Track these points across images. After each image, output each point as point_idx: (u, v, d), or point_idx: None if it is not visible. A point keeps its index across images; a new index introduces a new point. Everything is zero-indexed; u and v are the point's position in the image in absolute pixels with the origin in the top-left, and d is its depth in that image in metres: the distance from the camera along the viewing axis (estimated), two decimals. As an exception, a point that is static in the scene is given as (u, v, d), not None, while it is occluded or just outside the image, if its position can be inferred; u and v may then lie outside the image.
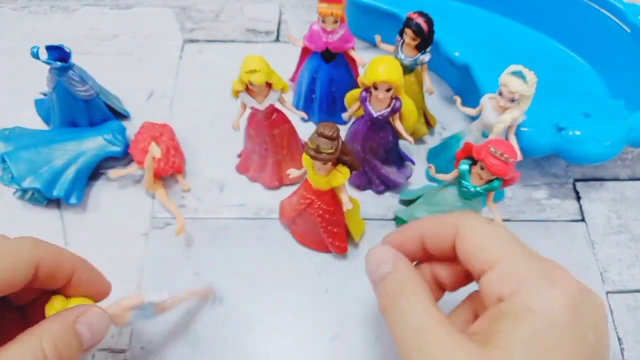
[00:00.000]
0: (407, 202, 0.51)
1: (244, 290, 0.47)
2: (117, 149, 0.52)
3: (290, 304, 0.45)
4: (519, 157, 0.42)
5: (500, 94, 0.43)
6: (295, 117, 0.50)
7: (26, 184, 0.49)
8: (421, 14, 0.47)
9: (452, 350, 0.23)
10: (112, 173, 0.51)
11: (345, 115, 0.50)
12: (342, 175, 0.40)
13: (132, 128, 0.55)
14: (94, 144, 0.52)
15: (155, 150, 0.48)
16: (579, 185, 0.54)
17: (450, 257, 0.30)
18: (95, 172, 0.53)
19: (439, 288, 0.32)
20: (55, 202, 0.51)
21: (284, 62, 0.53)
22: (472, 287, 0.32)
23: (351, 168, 0.40)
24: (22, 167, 0.49)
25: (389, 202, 0.53)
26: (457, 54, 0.54)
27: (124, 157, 0.54)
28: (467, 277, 0.31)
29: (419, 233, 0.30)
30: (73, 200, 0.50)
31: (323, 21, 0.49)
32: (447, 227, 0.28)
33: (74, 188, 0.50)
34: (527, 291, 0.23)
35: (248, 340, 0.44)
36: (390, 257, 0.29)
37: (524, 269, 0.24)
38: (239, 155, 0.54)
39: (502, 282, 0.24)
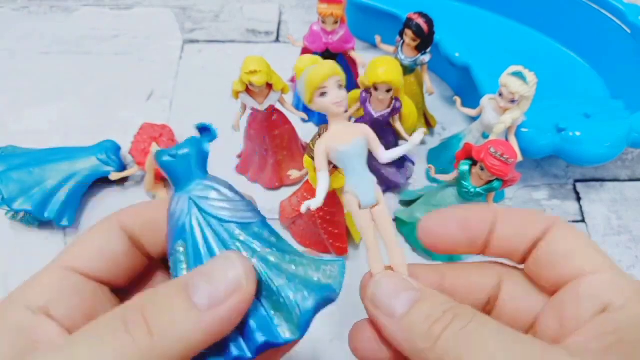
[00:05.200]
0: (408, 203, 0.51)
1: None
2: (111, 169, 0.51)
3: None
4: (519, 157, 0.42)
5: (501, 94, 0.43)
6: (295, 118, 0.50)
7: (17, 205, 0.47)
8: (421, 14, 0.47)
9: None
10: (112, 175, 0.51)
11: (345, 116, 0.50)
12: (343, 177, 0.40)
13: (131, 128, 0.54)
14: (87, 164, 0.51)
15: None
16: (579, 186, 0.54)
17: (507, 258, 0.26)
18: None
19: None
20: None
21: (284, 62, 0.53)
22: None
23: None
24: (13, 188, 0.48)
25: (389, 202, 0.53)
26: (457, 54, 0.54)
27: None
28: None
29: (491, 221, 0.25)
30: (65, 222, 0.49)
31: (323, 22, 0.49)
32: (536, 225, 0.24)
33: (66, 210, 0.49)
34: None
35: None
36: (412, 284, 0.23)
37: (629, 278, 0.22)
38: (239, 156, 0.54)
39: (610, 289, 0.21)
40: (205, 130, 0.24)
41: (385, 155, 0.26)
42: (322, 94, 0.24)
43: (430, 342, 0.20)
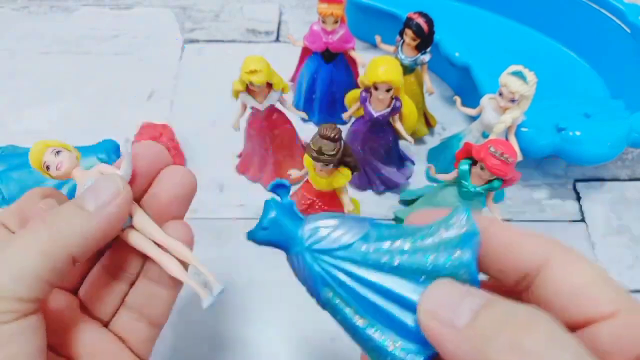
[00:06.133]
0: (407, 203, 0.51)
1: (244, 291, 0.47)
2: None
3: (291, 303, 0.45)
4: (519, 157, 0.42)
5: (501, 94, 0.43)
6: (295, 117, 0.50)
7: None
8: (421, 14, 0.47)
9: None
10: (112, 173, 0.51)
11: (345, 116, 0.50)
12: (343, 176, 0.40)
13: (131, 128, 0.55)
14: (87, 163, 0.50)
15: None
16: (579, 185, 0.54)
17: (504, 288, 0.23)
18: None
19: None
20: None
21: (284, 62, 0.53)
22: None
23: (353, 169, 0.40)
24: (13, 188, 0.48)
25: (389, 202, 0.53)
26: (457, 54, 0.54)
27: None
28: None
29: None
30: None
31: (323, 21, 0.49)
32: (531, 251, 0.21)
33: None
34: None
35: (249, 340, 0.44)
36: (471, 289, 0.20)
37: None
38: (239, 156, 0.54)
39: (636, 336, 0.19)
40: (279, 187, 0.25)
41: (121, 174, 0.27)
42: (48, 168, 0.27)
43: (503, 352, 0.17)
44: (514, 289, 0.22)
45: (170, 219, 0.28)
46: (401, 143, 0.51)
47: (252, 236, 0.23)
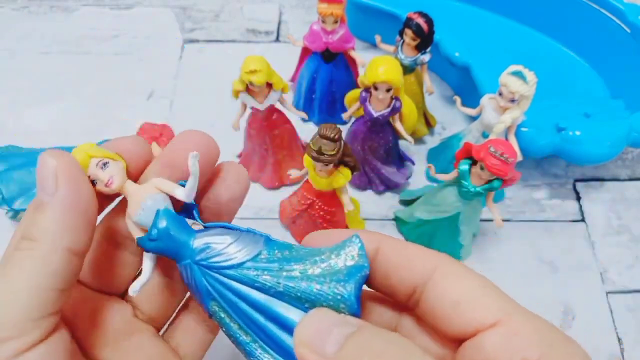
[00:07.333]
0: (407, 202, 0.51)
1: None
2: None
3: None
4: (519, 157, 0.42)
5: (500, 94, 0.43)
6: (295, 117, 0.50)
7: (17, 205, 0.46)
8: (421, 14, 0.47)
9: None
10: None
11: (345, 116, 0.50)
12: (343, 176, 0.40)
13: (131, 128, 0.55)
14: None
15: (156, 151, 0.48)
16: (579, 185, 0.54)
17: (393, 303, 0.24)
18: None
19: None
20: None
21: (284, 62, 0.53)
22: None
23: (353, 169, 0.40)
24: (13, 188, 0.47)
25: (389, 202, 0.53)
26: (457, 54, 0.54)
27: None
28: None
29: (374, 248, 0.23)
30: None
31: (323, 21, 0.49)
32: (417, 264, 0.21)
33: None
34: (560, 355, 0.19)
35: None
36: (345, 318, 0.20)
37: (542, 328, 0.19)
38: (239, 156, 0.54)
39: (524, 343, 0.19)
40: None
41: (184, 193, 0.23)
42: (93, 182, 0.22)
43: None
44: (407, 304, 0.22)
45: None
46: (401, 143, 0.51)
47: (141, 244, 0.22)
